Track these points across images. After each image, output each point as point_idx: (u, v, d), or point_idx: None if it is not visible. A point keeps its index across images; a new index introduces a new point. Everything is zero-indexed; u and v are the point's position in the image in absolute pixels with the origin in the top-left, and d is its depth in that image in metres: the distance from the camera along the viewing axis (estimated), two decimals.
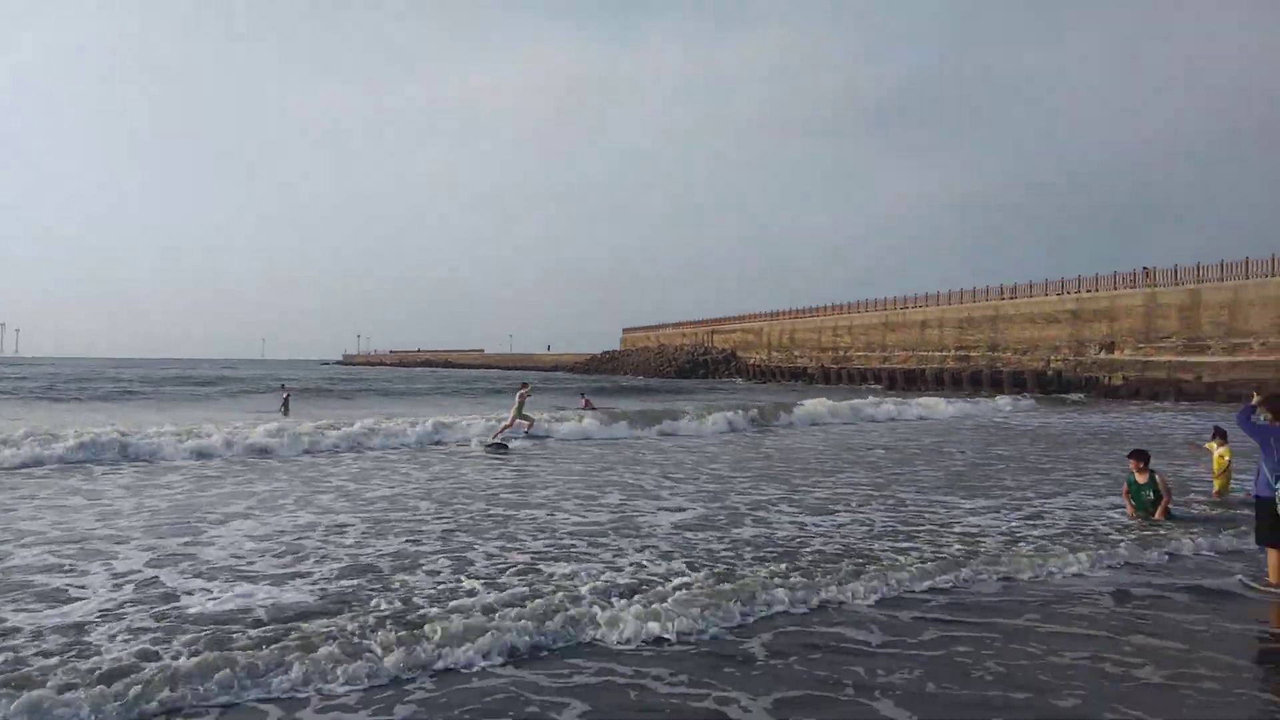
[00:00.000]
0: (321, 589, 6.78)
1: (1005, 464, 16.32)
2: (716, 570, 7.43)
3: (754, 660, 5.37)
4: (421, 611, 6.05)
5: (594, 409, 32.82)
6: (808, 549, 8.51)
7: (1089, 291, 52.75)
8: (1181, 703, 4.78)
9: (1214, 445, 12.28)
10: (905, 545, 8.71)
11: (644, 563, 7.80)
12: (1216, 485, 11.97)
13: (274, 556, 7.94)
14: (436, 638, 5.41)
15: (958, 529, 9.67)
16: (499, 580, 7.11)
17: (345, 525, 9.51)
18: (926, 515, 10.55)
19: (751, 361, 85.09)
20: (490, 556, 8.04)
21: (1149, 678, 5.14)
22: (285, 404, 32.19)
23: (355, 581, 7.01)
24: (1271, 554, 7.62)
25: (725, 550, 8.40)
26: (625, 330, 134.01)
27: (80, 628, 5.72)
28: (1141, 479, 10.52)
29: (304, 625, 5.73)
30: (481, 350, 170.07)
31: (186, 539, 8.70)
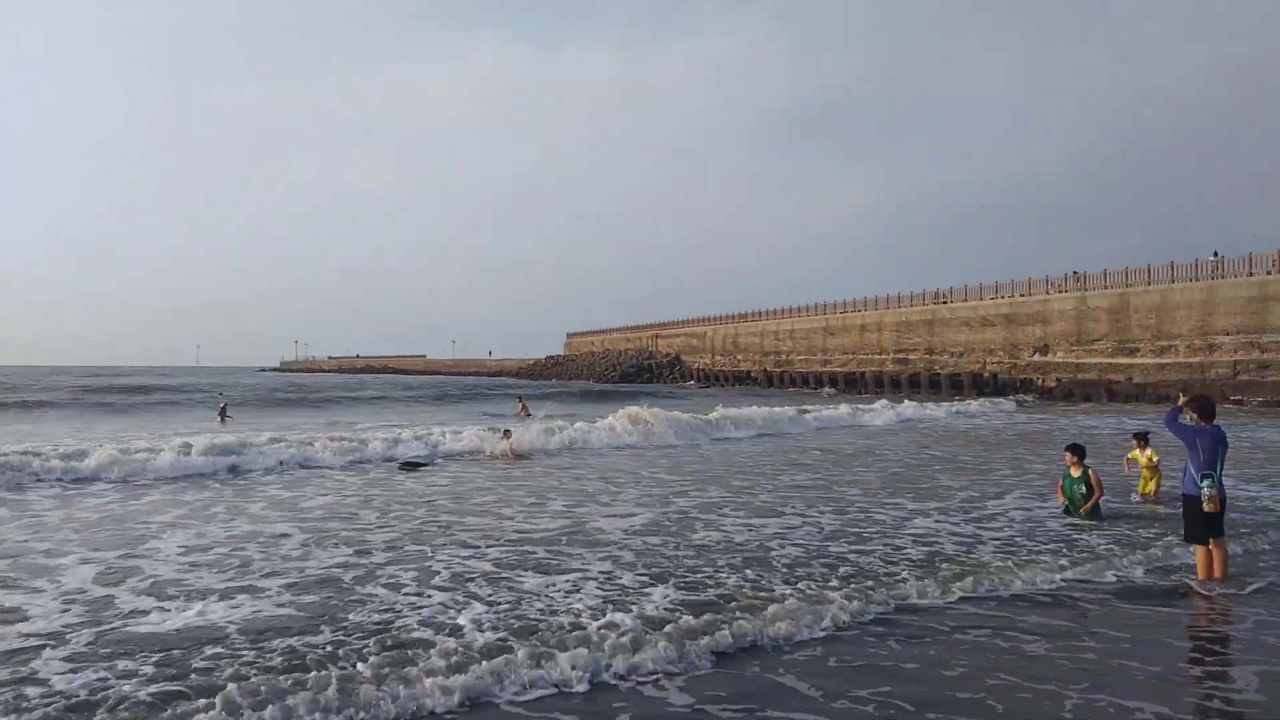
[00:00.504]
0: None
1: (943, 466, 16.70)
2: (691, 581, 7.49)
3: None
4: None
5: (529, 414, 32.60)
6: (774, 554, 8.63)
7: (1022, 296, 54.20)
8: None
9: (1137, 453, 12.64)
10: (861, 549, 8.89)
11: (615, 573, 7.80)
12: (1149, 487, 12.39)
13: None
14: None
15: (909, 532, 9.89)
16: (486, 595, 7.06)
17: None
18: (875, 517, 10.78)
19: (696, 366, 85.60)
20: (447, 565, 7.99)
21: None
22: (222, 413, 31.57)
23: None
24: (1199, 551, 7.97)
25: (690, 557, 8.46)
26: (570, 335, 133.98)
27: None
28: (1075, 473, 10.93)
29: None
30: (424, 356, 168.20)
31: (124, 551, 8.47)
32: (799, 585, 7.22)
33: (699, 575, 7.66)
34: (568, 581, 7.43)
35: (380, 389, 66.95)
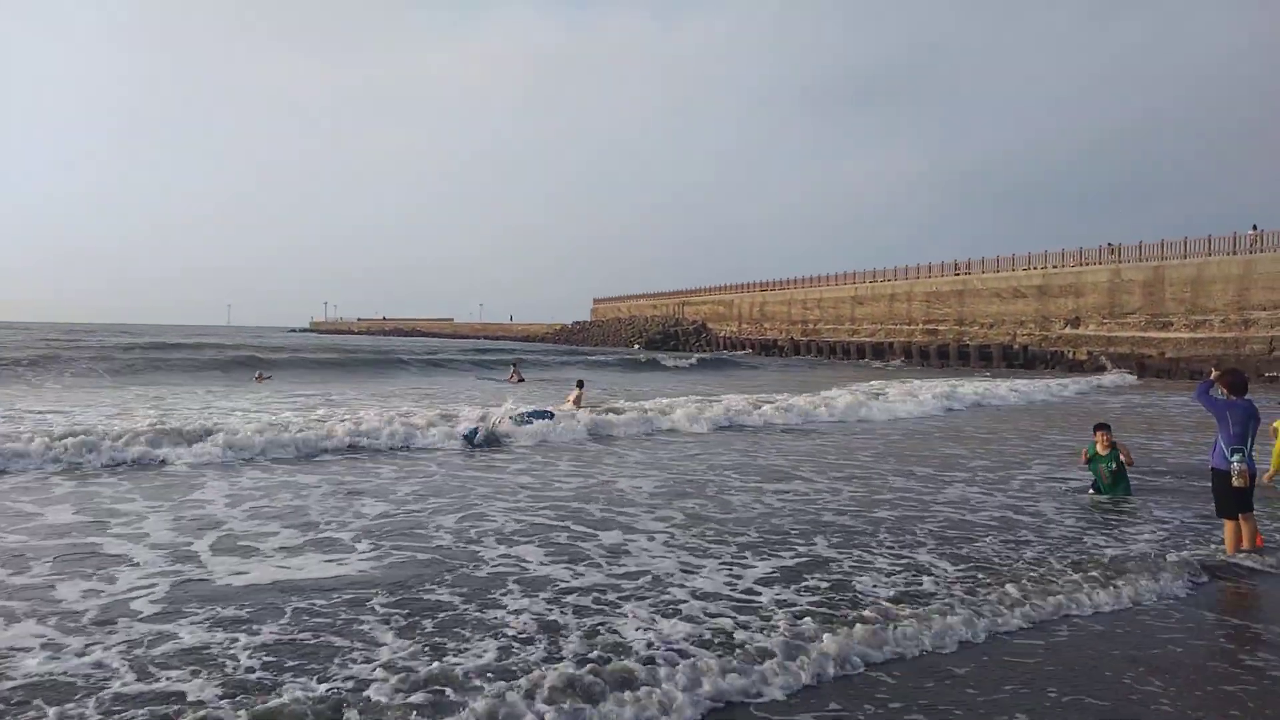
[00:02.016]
0: None
1: None
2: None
3: None
4: None
5: (522, 380, 32.81)
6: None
7: (1055, 267, 53.47)
8: None
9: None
10: None
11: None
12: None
13: None
14: None
15: None
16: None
17: None
18: None
19: (722, 334, 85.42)
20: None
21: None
22: (259, 377, 31.77)
23: None
24: (1228, 526, 7.97)
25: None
26: (596, 300, 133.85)
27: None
28: (1104, 451, 10.91)
29: None
30: (451, 319, 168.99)
31: None
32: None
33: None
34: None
35: (431, 351, 63.77)
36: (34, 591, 6.26)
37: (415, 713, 4.32)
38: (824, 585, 6.74)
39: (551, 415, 16.69)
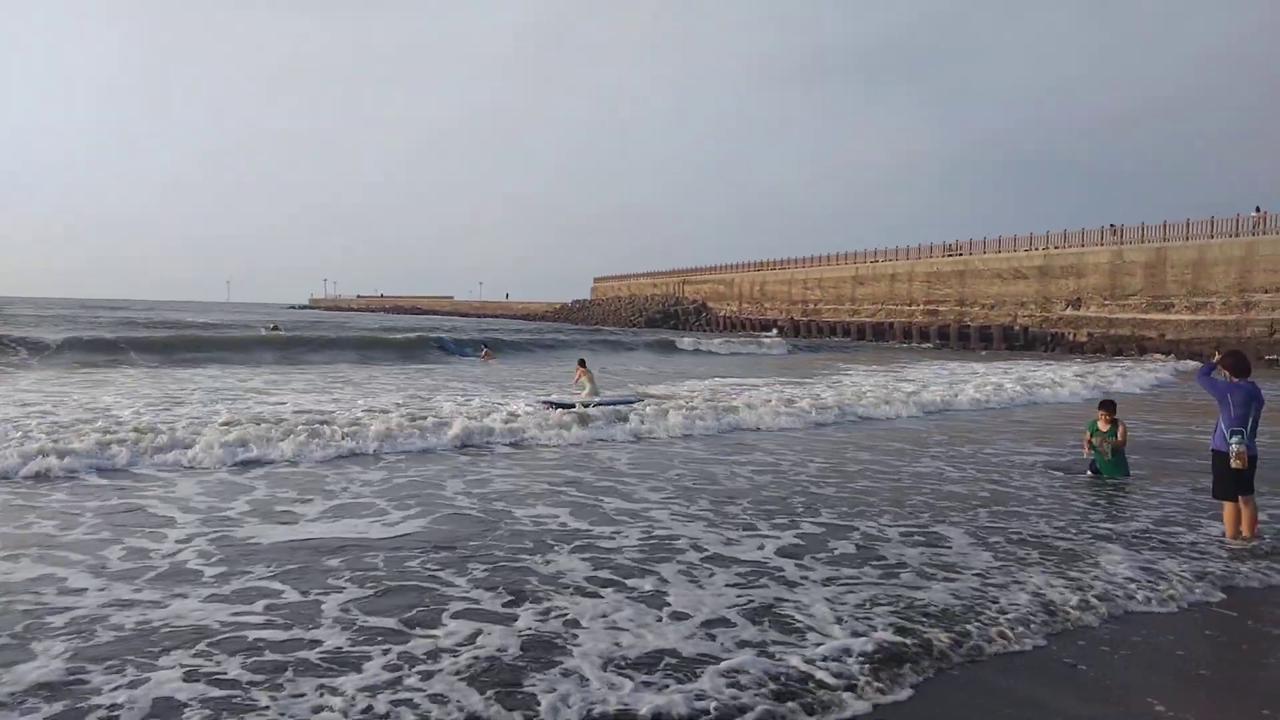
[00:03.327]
0: None
1: None
2: None
3: None
4: None
5: (494, 359, 33.25)
6: None
7: (1056, 248, 53.34)
8: None
9: None
10: None
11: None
12: None
13: None
14: None
15: None
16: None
17: None
18: None
19: (722, 313, 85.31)
20: None
21: None
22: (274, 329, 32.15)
23: None
24: (1228, 508, 7.96)
25: None
26: (596, 279, 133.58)
27: None
28: (1104, 426, 11.01)
29: None
30: (451, 297, 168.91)
31: None
32: None
33: None
34: None
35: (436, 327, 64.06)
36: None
37: None
38: None
39: (635, 400, 16.72)
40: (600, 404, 16.19)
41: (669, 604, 5.95)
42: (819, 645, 5.24)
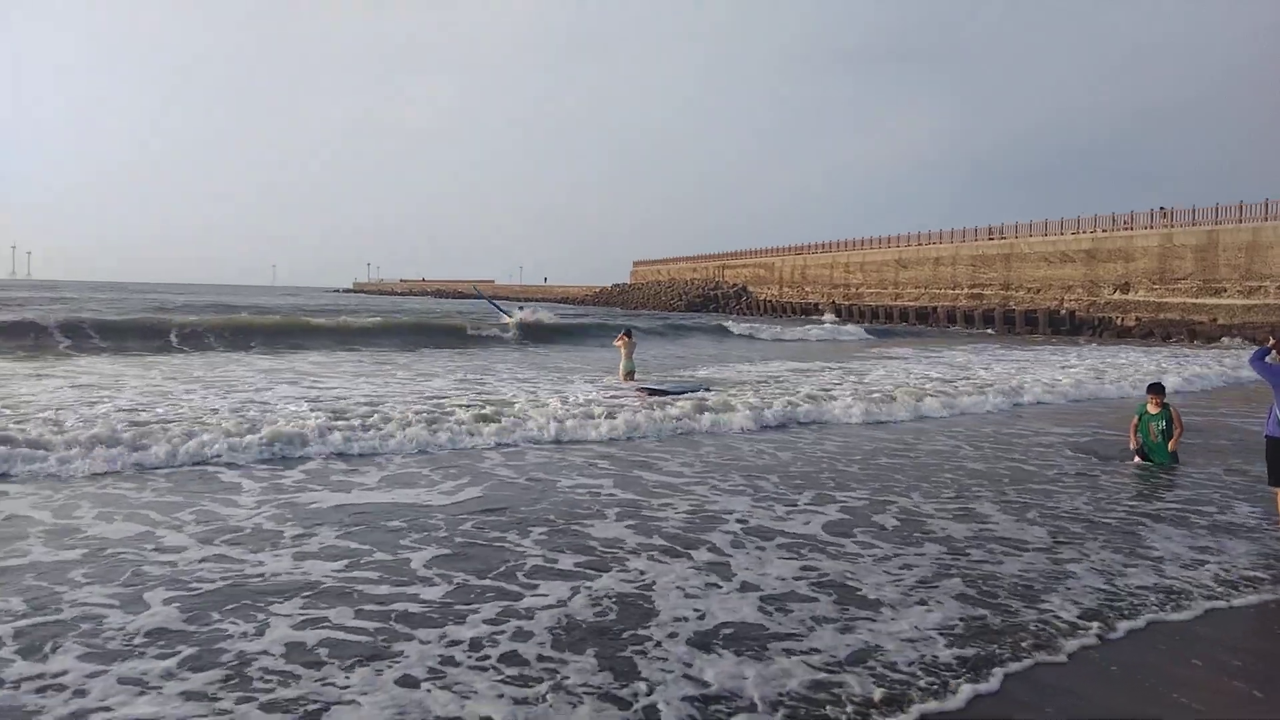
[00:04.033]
0: None
1: None
2: None
3: None
4: None
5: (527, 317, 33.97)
6: None
7: (1104, 231, 52.58)
8: None
9: None
10: None
11: None
12: None
13: None
14: None
15: None
16: None
17: None
18: None
19: (762, 297, 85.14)
20: None
21: None
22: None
23: None
24: None
25: None
26: (636, 263, 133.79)
27: None
28: (1154, 410, 10.96)
29: None
30: (492, 281, 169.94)
31: None
32: None
33: None
34: None
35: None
36: None
37: None
38: None
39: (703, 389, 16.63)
40: (674, 392, 16.18)
41: (734, 575, 6.28)
42: (896, 621, 5.43)
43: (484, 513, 7.91)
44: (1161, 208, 49.57)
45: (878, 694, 4.45)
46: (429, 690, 4.36)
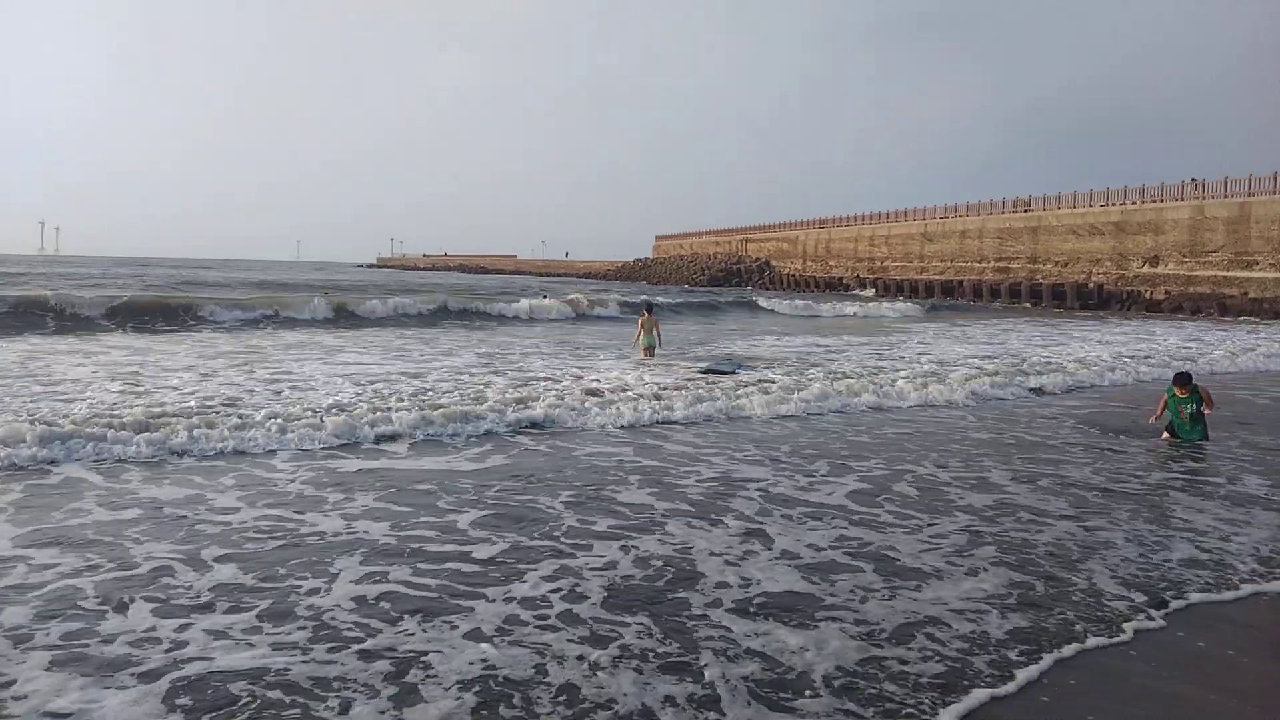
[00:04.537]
0: None
1: None
2: None
3: None
4: None
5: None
6: None
7: (1134, 204, 51.95)
8: None
9: None
10: None
11: None
12: None
13: None
14: None
15: None
16: None
17: None
18: None
19: (786, 271, 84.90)
20: None
21: None
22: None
23: None
24: None
25: None
26: (658, 238, 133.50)
27: None
28: (1183, 395, 10.85)
29: None
30: (514, 256, 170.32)
31: None
32: None
33: None
34: None
35: (503, 284, 66.09)
36: None
37: None
38: None
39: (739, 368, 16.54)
40: (725, 370, 16.16)
41: (774, 542, 6.49)
42: (942, 590, 5.53)
43: (513, 479, 8.24)
44: (1193, 179, 48.91)
45: (934, 670, 4.47)
46: (500, 645, 4.60)
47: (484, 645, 4.58)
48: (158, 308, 27.13)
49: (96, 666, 4.25)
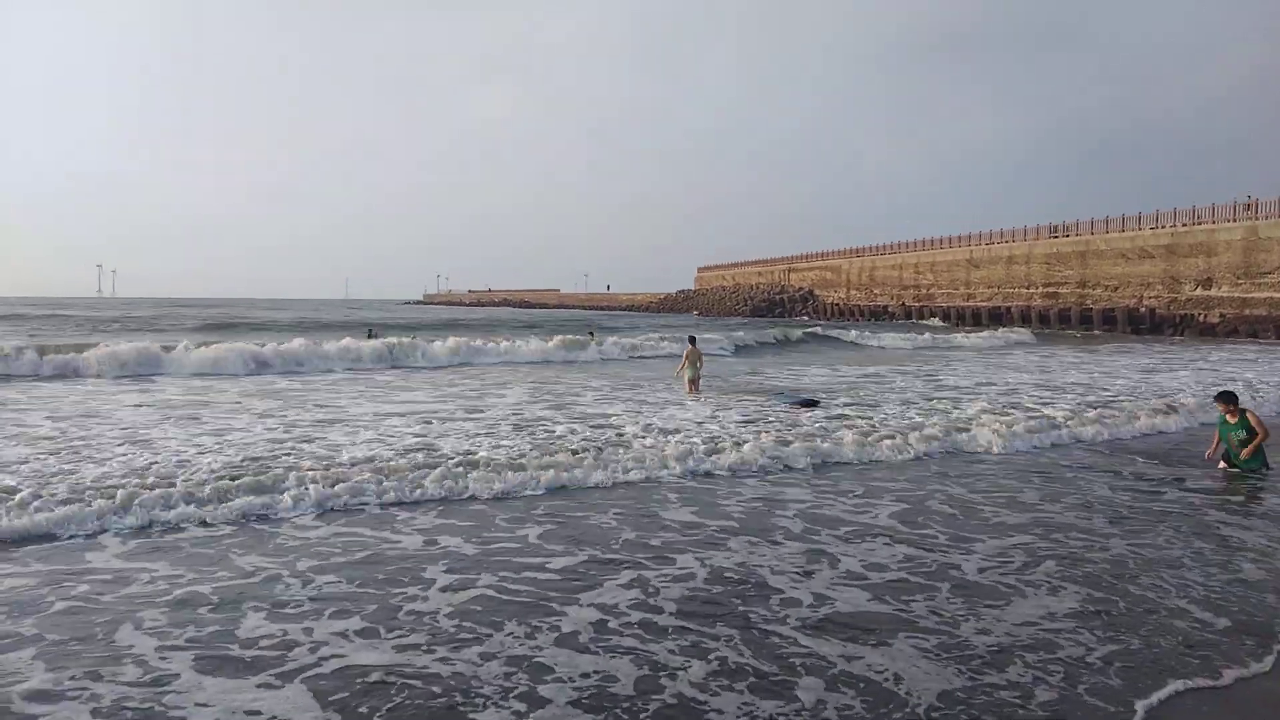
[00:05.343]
0: None
1: None
2: None
3: None
4: None
5: (596, 340, 33.04)
6: None
7: (1185, 225, 51.27)
8: None
9: None
10: None
11: None
12: None
13: None
14: None
15: None
16: None
17: None
18: None
19: (830, 300, 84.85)
20: None
21: None
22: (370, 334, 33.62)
23: None
24: None
25: None
26: (700, 269, 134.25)
27: None
28: (1233, 420, 10.48)
29: None
30: (558, 290, 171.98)
31: None
32: None
33: None
34: None
35: (546, 321, 68.24)
36: None
37: None
38: None
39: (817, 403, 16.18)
40: (805, 403, 16.12)
41: (840, 562, 6.67)
42: (1020, 610, 5.60)
43: (558, 496, 8.72)
44: (1248, 198, 48.17)
45: (1040, 698, 4.41)
46: (598, 652, 4.91)
47: (571, 651, 4.91)
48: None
49: (241, 666, 4.68)
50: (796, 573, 6.31)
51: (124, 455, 10.13)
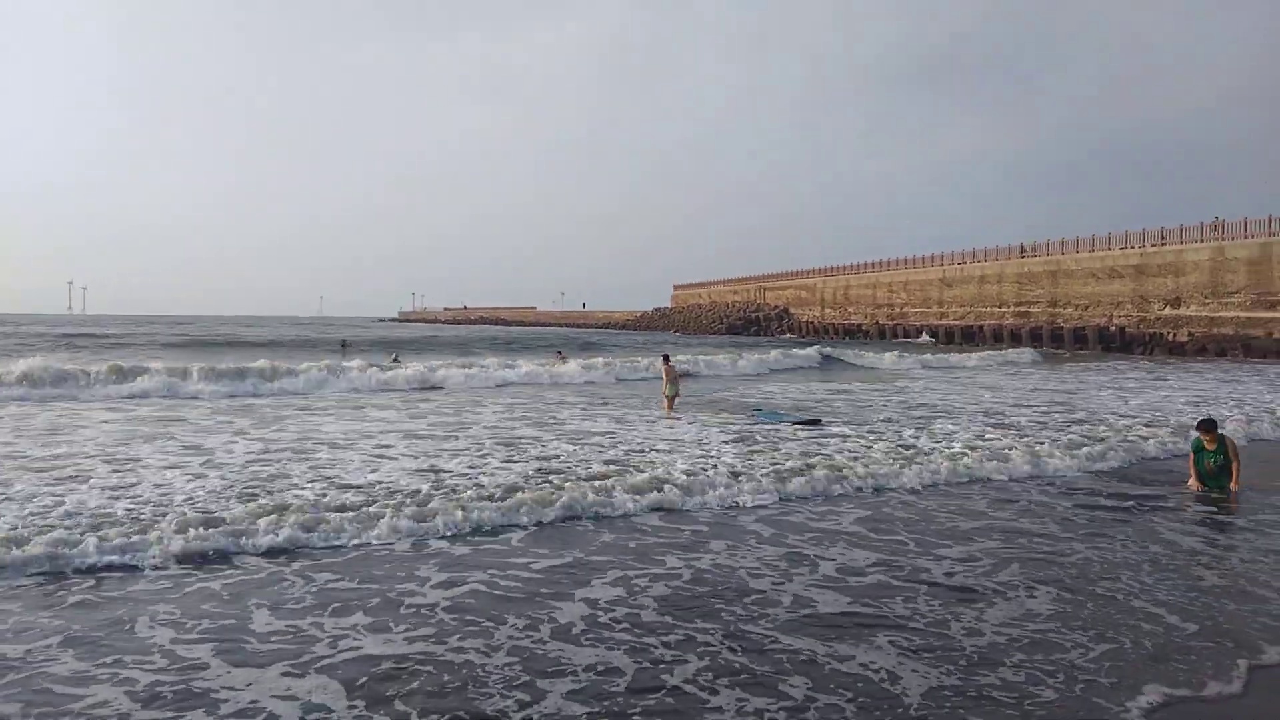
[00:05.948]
0: None
1: None
2: None
3: None
4: None
5: (564, 360, 32.60)
6: None
7: (1154, 245, 52.17)
8: None
9: None
10: None
11: None
12: None
13: None
14: None
15: None
16: None
17: None
18: None
19: (804, 318, 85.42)
20: None
21: None
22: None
23: None
24: None
25: None
26: (676, 287, 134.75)
27: None
28: (1211, 446, 10.41)
29: None
30: (534, 308, 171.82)
31: None
32: None
33: None
34: None
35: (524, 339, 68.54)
36: None
37: None
38: None
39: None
40: (803, 421, 16.04)
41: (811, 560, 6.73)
42: (997, 611, 5.80)
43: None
44: (1216, 218, 49.12)
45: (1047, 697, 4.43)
46: (584, 642, 5.01)
47: (564, 643, 4.99)
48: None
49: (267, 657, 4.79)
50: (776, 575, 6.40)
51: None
